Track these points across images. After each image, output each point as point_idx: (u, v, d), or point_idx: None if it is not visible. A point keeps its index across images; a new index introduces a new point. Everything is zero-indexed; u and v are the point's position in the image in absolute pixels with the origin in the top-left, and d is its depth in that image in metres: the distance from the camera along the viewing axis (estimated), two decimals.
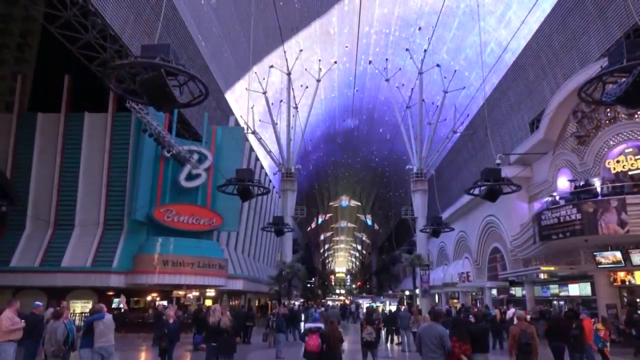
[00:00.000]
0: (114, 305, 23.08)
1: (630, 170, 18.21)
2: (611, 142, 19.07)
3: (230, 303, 32.48)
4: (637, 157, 18.19)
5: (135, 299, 25.98)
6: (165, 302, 23.86)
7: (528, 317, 16.40)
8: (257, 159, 39.11)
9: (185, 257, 23.99)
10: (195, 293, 27.50)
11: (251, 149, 36.56)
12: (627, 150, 18.65)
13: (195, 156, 26.20)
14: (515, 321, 10.05)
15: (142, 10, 21.09)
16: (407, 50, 35.61)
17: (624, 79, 7.36)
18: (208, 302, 27.52)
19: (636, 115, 18.42)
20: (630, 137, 18.56)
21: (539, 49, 25.06)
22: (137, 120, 23.80)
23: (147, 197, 24.82)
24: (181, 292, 26.06)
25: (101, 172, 25.12)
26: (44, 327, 9.51)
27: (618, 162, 18.63)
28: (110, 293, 24.13)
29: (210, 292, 29.47)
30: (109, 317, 9.03)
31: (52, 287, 22.07)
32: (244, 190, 13.27)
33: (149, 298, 26.32)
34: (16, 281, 22.23)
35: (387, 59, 37.88)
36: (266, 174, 43.10)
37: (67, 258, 23.09)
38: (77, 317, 20.26)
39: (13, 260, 22.88)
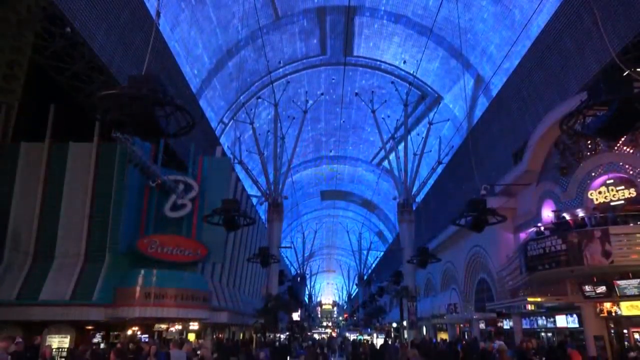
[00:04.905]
0: (95, 340, 22.35)
1: (612, 201, 18.49)
2: (593, 174, 19.41)
3: (214, 336, 31.64)
4: (618, 188, 18.51)
5: (116, 333, 25.16)
6: (146, 337, 23.19)
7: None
8: (243, 189, 38.96)
9: (169, 289, 23.39)
10: (178, 326, 26.75)
11: (237, 179, 36.45)
12: (608, 182, 18.99)
13: (181, 186, 25.98)
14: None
15: (131, 42, 21.29)
16: (392, 82, 36.49)
17: (602, 112, 7.60)
18: (191, 336, 26.77)
19: (616, 148, 18.84)
20: (611, 168, 18.93)
21: (520, 83, 25.75)
22: (123, 150, 23.63)
23: (131, 227, 24.37)
24: (163, 326, 25.33)
25: (84, 202, 24.64)
26: None
27: (600, 192, 18.92)
28: (90, 327, 23.36)
29: (194, 326, 28.68)
30: None
31: (29, 322, 21.28)
32: (229, 220, 13.20)
33: (129, 332, 25.51)
34: None
35: (372, 92, 38.63)
36: (253, 205, 42.86)
37: (45, 291, 22.32)
38: (54, 353, 19.52)
39: None
